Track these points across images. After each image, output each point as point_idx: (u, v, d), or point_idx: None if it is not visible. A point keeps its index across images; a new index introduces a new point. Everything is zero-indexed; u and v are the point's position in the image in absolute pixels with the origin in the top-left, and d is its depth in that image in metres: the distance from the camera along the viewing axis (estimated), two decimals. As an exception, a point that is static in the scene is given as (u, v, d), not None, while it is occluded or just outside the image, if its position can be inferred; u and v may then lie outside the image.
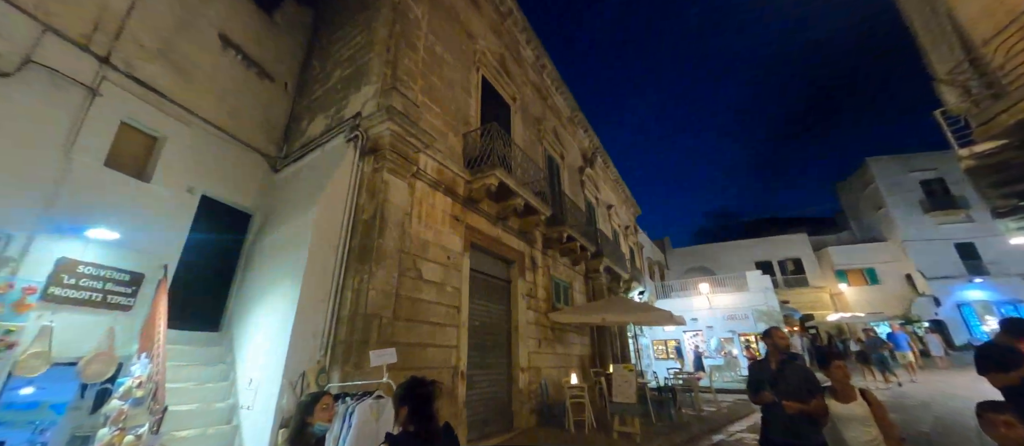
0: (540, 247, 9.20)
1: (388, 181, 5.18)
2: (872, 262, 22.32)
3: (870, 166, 24.09)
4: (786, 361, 3.14)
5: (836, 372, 2.80)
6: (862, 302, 21.34)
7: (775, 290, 18.04)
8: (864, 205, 25.14)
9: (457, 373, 5.58)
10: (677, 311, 18.59)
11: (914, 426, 6.14)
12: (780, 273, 24.67)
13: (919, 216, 21.78)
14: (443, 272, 5.89)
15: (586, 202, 14.04)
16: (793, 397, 2.86)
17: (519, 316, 7.65)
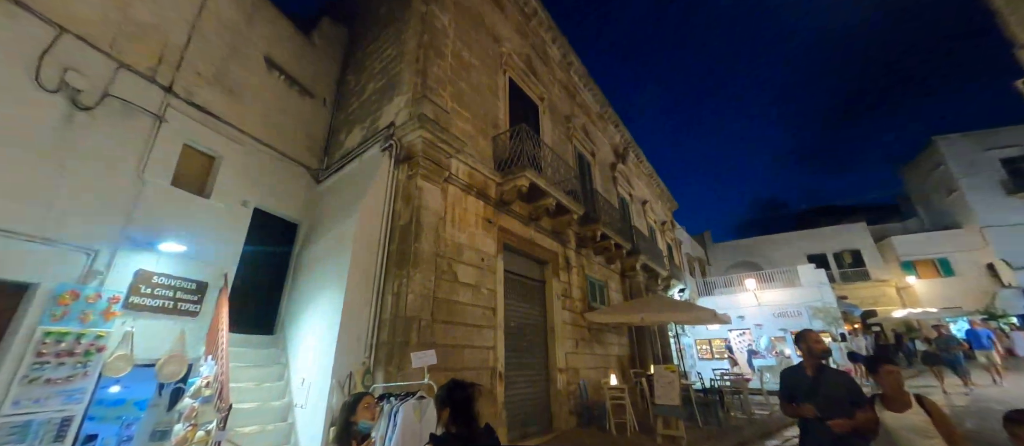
0: (574, 246, 9.10)
1: (422, 187, 5.32)
2: (945, 251, 20.19)
3: (938, 145, 21.83)
4: (824, 368, 2.84)
5: (887, 378, 2.50)
6: (935, 296, 19.36)
7: (831, 285, 16.76)
8: (933, 189, 22.81)
9: (495, 374, 5.63)
10: (721, 309, 17.71)
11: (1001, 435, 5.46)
12: (836, 266, 22.90)
13: (1001, 198, 19.45)
14: (478, 274, 5.97)
15: (619, 199, 13.73)
16: (836, 410, 2.55)
17: (555, 317, 7.61)
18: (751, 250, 25.98)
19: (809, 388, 2.75)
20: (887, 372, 2.51)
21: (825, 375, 2.78)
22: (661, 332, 13.40)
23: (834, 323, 15.06)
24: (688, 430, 6.01)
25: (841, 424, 2.48)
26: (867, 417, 2.48)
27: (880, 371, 2.54)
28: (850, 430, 2.49)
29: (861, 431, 2.50)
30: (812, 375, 2.81)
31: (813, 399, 2.68)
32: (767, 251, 24.96)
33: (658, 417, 5.95)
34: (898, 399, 2.46)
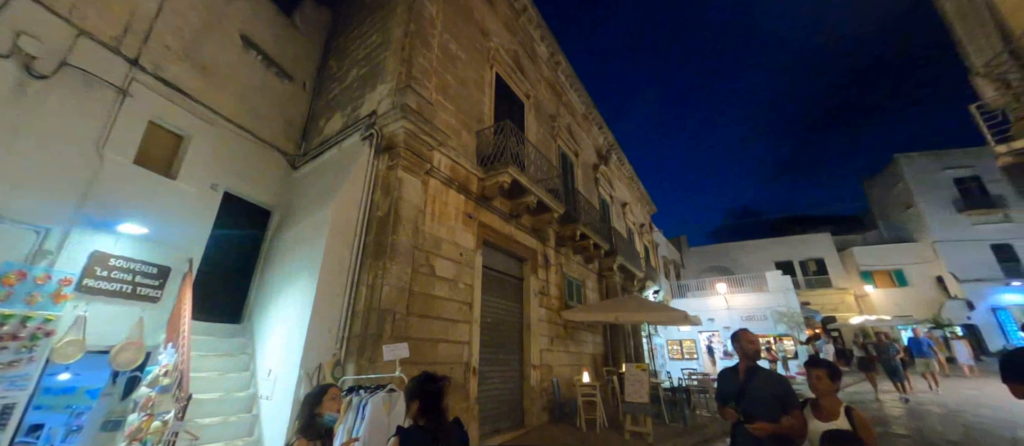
0: (553, 244, 9.17)
1: (402, 178, 5.24)
2: (900, 263, 21.46)
3: (900, 163, 23.13)
4: (755, 369, 2.73)
5: (816, 383, 2.40)
6: (889, 304, 20.56)
7: (796, 291, 17.55)
8: (892, 204, 24.17)
9: (469, 369, 5.64)
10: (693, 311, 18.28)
11: (943, 436, 5.89)
12: (801, 274, 23.97)
13: (952, 215, 20.82)
14: (456, 269, 5.94)
15: (600, 200, 13.92)
16: (761, 413, 2.44)
17: (531, 313, 7.66)
18: (724, 255, 26.86)
19: (739, 389, 2.68)
20: (816, 376, 2.42)
21: (756, 377, 2.70)
22: (635, 332, 13.71)
23: (796, 328, 15.79)
24: (655, 427, 6.19)
25: (759, 428, 2.38)
26: (791, 423, 2.36)
27: (810, 374, 2.47)
28: (769, 434, 2.38)
29: (786, 436, 2.39)
30: (743, 377, 2.74)
31: (741, 400, 2.61)
32: (739, 257, 25.87)
33: (627, 414, 6.10)
34: (827, 406, 2.36)
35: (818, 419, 2.34)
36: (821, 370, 2.43)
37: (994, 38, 5.85)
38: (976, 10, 6.04)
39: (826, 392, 2.38)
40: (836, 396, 2.37)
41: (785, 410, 2.45)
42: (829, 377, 2.38)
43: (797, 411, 2.43)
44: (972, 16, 6.06)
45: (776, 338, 16.00)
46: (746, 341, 2.82)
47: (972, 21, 6.05)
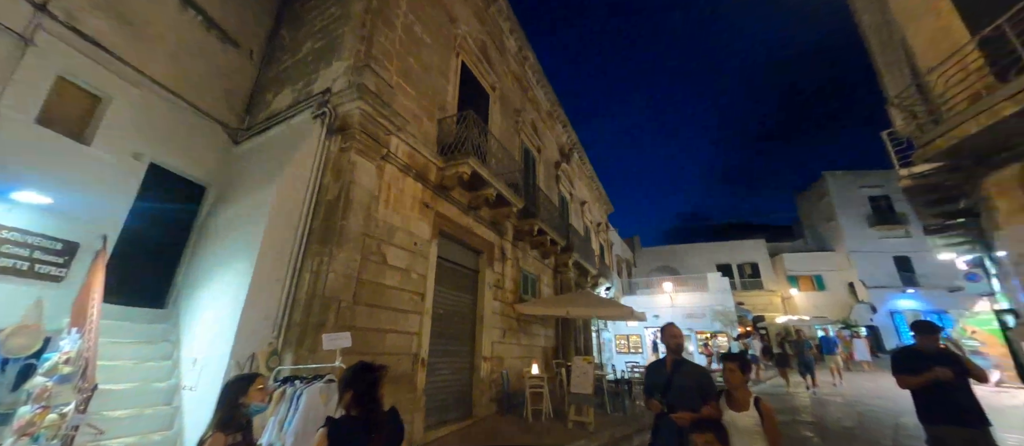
0: (511, 238, 9.24)
1: (356, 162, 5.03)
2: (820, 269, 23.91)
3: (827, 180, 25.65)
4: (681, 362, 2.84)
5: (728, 376, 2.56)
6: (809, 306, 22.87)
7: (732, 292, 19.04)
8: (818, 216, 26.79)
9: (417, 360, 5.57)
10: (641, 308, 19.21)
11: (840, 423, 6.70)
12: (738, 276, 25.98)
13: (864, 229, 23.48)
14: (409, 258, 5.82)
15: (560, 197, 14.19)
16: (685, 404, 2.58)
17: (485, 306, 7.69)
18: (672, 256, 28.46)
19: (665, 381, 2.77)
20: (729, 370, 2.59)
21: (681, 369, 2.80)
22: (586, 326, 14.22)
23: (730, 325, 17.13)
24: (597, 416, 6.48)
25: (681, 417, 2.51)
26: (708, 412, 2.53)
27: (724, 368, 2.63)
28: (690, 423, 2.51)
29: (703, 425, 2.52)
30: (669, 369, 2.82)
31: (666, 392, 2.70)
32: (685, 258, 27.53)
33: (572, 404, 6.33)
34: (739, 398, 2.52)
35: (731, 409, 2.52)
36: (734, 364, 2.60)
37: (906, 73, 6.62)
38: (894, 46, 6.80)
39: (738, 384, 2.55)
40: (747, 388, 2.56)
41: (705, 400, 2.62)
42: (740, 370, 2.57)
43: (714, 402, 2.60)
44: (890, 50, 6.82)
45: (712, 334, 17.29)
46: (670, 335, 2.93)
47: (890, 54, 6.82)
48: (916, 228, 21.74)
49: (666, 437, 2.67)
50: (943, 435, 3.11)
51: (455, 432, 5.87)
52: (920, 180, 5.53)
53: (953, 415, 3.08)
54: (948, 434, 3.09)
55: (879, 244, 22.98)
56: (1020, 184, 4.26)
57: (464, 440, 5.57)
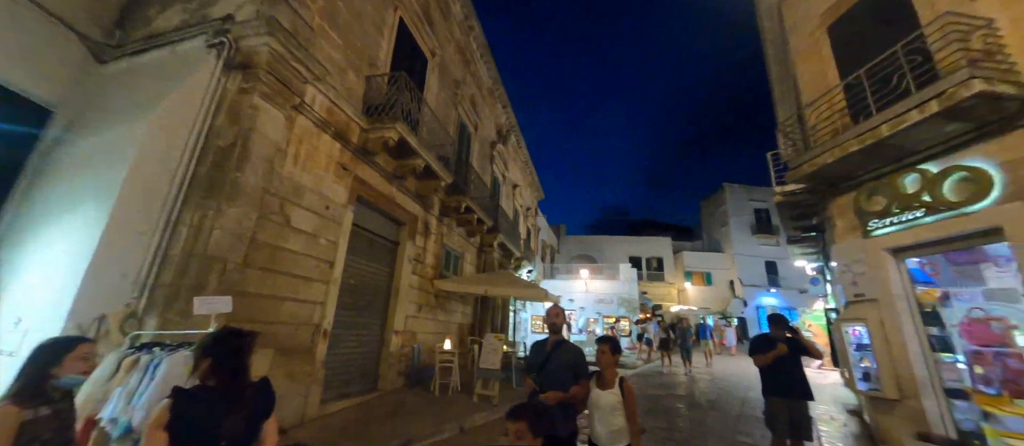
0: (437, 213, 9.03)
1: (259, 107, 4.41)
2: (711, 268, 27.54)
3: (726, 190, 29.32)
4: (561, 342, 2.86)
5: (599, 356, 2.65)
6: (698, 298, 26.30)
7: (639, 282, 21.06)
8: (715, 221, 30.65)
9: (319, 331, 5.22)
10: (559, 291, 20.35)
11: (704, 396, 7.90)
12: (646, 268, 28.77)
13: (748, 236, 27.47)
14: (318, 222, 5.36)
15: (493, 178, 14.18)
16: (558, 383, 2.61)
17: (402, 279, 7.47)
18: (592, 246, 30.44)
19: (543, 360, 2.78)
20: (600, 351, 2.65)
21: (560, 349, 2.80)
22: (504, 305, 14.64)
23: (633, 311, 18.98)
24: (502, 390, 6.76)
25: (547, 397, 2.53)
26: (574, 393, 2.57)
27: (597, 349, 2.69)
28: (556, 402, 2.54)
29: (570, 404, 2.61)
30: (549, 349, 2.83)
31: (543, 371, 2.72)
32: (603, 248, 29.64)
33: (479, 379, 6.51)
34: (607, 377, 2.59)
35: (599, 388, 2.60)
36: (605, 345, 2.69)
37: (792, 104, 7.72)
38: (789, 79, 7.86)
39: (608, 364, 2.63)
40: (615, 368, 2.66)
41: (576, 380, 2.66)
42: (611, 351, 2.65)
43: (585, 381, 2.67)
44: (785, 83, 7.89)
45: (616, 319, 19.05)
46: (552, 315, 2.95)
47: (785, 87, 7.88)
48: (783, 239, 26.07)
49: None
50: (774, 405, 3.91)
51: (355, 405, 5.68)
52: (789, 197, 6.57)
53: (784, 389, 3.88)
54: (777, 404, 3.89)
55: (756, 250, 27.11)
56: (854, 208, 5.30)
57: (363, 413, 5.42)
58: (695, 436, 5.20)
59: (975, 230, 4.10)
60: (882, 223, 4.96)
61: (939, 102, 3.83)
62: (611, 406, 2.50)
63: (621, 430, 2.46)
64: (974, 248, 4.50)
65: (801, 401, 3.85)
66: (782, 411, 3.83)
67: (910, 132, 4.23)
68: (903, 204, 4.70)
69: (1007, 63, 3.78)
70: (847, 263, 5.45)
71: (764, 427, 5.40)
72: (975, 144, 4.07)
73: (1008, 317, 4.37)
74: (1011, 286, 4.28)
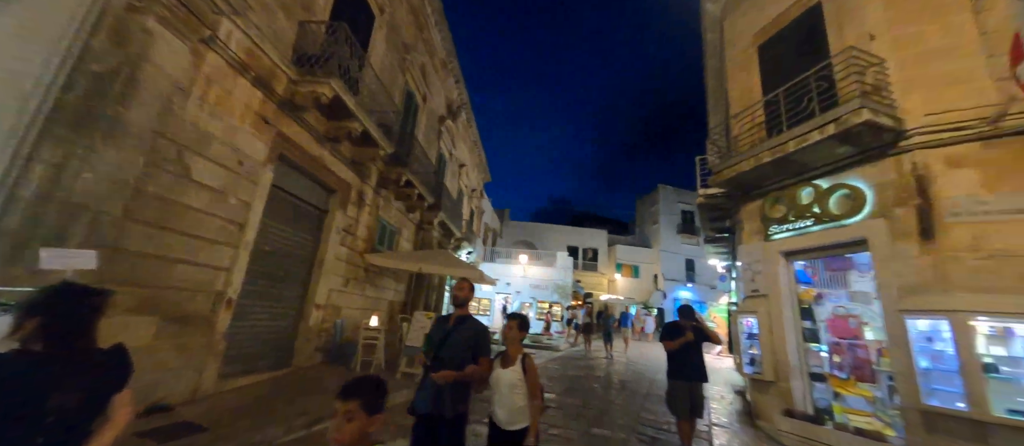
0: (374, 184, 8.51)
1: (155, 33, 3.72)
2: (640, 261, 29.64)
3: (660, 190, 31.50)
4: (465, 318, 2.69)
5: (505, 332, 2.58)
6: (626, 289, 28.23)
7: (574, 271, 22.03)
8: (648, 218, 32.90)
9: (221, 299, 4.68)
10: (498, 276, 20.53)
11: (619, 377, 8.53)
12: (582, 258, 30.15)
13: (674, 235, 29.93)
14: (228, 179, 4.73)
15: (439, 154, 13.72)
16: (455, 360, 2.45)
17: (328, 250, 6.95)
18: (534, 233, 31.10)
19: (443, 336, 2.61)
20: (507, 326, 2.57)
21: (462, 325, 2.64)
22: (440, 285, 14.45)
23: (566, 298, 19.85)
24: (429, 369, 6.66)
25: (440, 376, 2.36)
26: (470, 372, 2.43)
27: (505, 325, 2.61)
28: (448, 381, 2.37)
29: (465, 382, 2.47)
30: (452, 325, 2.66)
31: (442, 347, 2.55)
32: (544, 236, 30.43)
33: (405, 356, 6.34)
34: (512, 354, 2.50)
35: (502, 367, 2.47)
36: (513, 321, 2.59)
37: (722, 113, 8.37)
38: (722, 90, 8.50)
39: (513, 341, 2.54)
40: (520, 345, 2.56)
41: (475, 359, 2.52)
42: (518, 328, 2.56)
43: (485, 359, 2.54)
44: (719, 94, 8.53)
45: (550, 304, 19.81)
46: (457, 288, 2.78)
47: (718, 98, 8.52)
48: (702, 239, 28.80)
49: (425, 393, 2.47)
50: (676, 387, 4.28)
51: (262, 381, 5.23)
52: (709, 200, 7.19)
53: (684, 372, 4.25)
54: (677, 386, 4.26)
55: (680, 248, 29.68)
56: (760, 214, 5.94)
57: (271, 390, 5.01)
58: (605, 413, 5.58)
59: (849, 240, 4.80)
60: (780, 229, 5.62)
61: (835, 126, 4.36)
62: (511, 384, 2.40)
63: (520, 410, 2.37)
64: (844, 256, 5.29)
65: (699, 384, 4.26)
66: (683, 393, 4.20)
67: (810, 150, 4.79)
68: (798, 213, 5.34)
69: (889, 99, 4.40)
70: (749, 262, 6.12)
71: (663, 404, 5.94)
72: (857, 166, 4.72)
73: (862, 315, 5.23)
74: (867, 290, 5.11)
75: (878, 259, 4.43)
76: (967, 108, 4.01)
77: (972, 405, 3.47)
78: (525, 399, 2.39)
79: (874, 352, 5.01)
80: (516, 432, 2.36)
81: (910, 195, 4.17)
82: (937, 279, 3.89)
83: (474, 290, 2.90)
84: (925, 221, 4.02)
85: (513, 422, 2.37)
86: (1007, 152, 3.77)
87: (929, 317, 3.87)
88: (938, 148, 4.08)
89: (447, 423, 2.40)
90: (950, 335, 3.71)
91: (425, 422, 2.45)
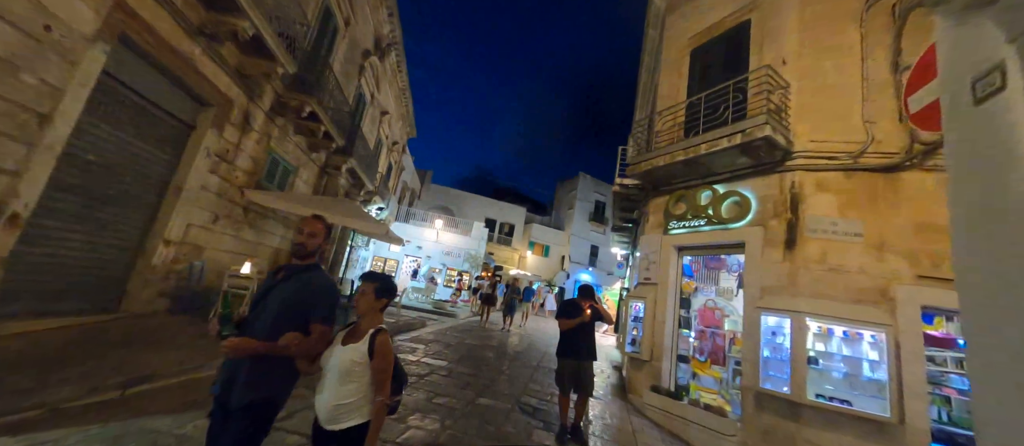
0: (267, 107, 7.10)
1: None
2: (551, 242, 31.07)
3: (580, 178, 33.03)
4: (298, 271, 1.95)
5: (359, 298, 1.86)
6: (534, 266, 29.46)
7: (488, 243, 22.09)
8: (565, 203, 34.44)
9: (2, 214, 3.37)
10: (411, 238, 19.60)
11: (513, 348, 8.75)
12: (498, 232, 30.48)
13: (585, 222, 31.89)
14: (23, 45, 3.34)
15: (359, 93, 12.18)
16: (266, 326, 1.78)
17: (192, 176, 5.61)
18: (455, 200, 30.35)
19: (263, 292, 1.93)
20: (361, 292, 1.87)
21: (291, 279, 1.92)
22: (343, 239, 13.18)
23: (476, 268, 19.88)
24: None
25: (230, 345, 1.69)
26: (286, 343, 1.72)
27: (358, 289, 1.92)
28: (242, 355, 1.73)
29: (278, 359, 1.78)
30: (280, 276, 1.95)
31: (255, 307, 1.89)
32: (464, 205, 29.91)
33: (281, 312, 5.49)
34: (363, 327, 1.85)
35: (344, 342, 1.82)
36: (369, 284, 1.88)
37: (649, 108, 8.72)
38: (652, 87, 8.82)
39: (368, 310, 1.86)
40: (379, 314, 1.90)
41: (299, 325, 1.80)
42: (375, 294, 1.87)
43: (318, 327, 1.84)
44: (649, 90, 8.84)
45: (460, 273, 19.67)
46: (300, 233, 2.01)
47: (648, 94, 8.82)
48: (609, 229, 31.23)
49: (223, 370, 1.84)
50: (565, 365, 4.27)
51: (68, 327, 4.01)
52: (623, 189, 7.50)
53: (574, 351, 4.24)
54: (566, 364, 4.26)
55: (588, 235, 31.81)
56: (664, 209, 6.35)
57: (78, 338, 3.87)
58: (494, 383, 5.57)
59: (731, 241, 5.34)
60: (679, 225, 6.06)
61: (742, 136, 4.70)
62: (345, 369, 1.74)
63: (352, 405, 1.73)
64: (719, 257, 5.97)
65: (589, 363, 4.26)
66: (570, 370, 4.18)
67: (717, 156, 5.15)
68: (695, 213, 5.79)
69: (786, 121, 4.88)
70: (647, 252, 6.56)
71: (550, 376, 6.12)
72: (750, 178, 5.22)
73: (725, 308, 6.00)
74: (730, 287, 5.87)
75: (749, 261, 5.00)
76: (839, 141, 4.63)
77: (793, 389, 4.14)
78: (364, 391, 1.75)
79: (728, 341, 5.80)
80: (339, 433, 1.72)
81: (784, 209, 4.73)
82: (789, 284, 4.51)
83: (328, 236, 2.10)
84: (791, 233, 4.61)
85: (336, 419, 1.72)
86: (859, 184, 4.45)
87: (777, 314, 4.49)
88: (812, 171, 4.66)
89: (233, 416, 1.72)
90: (788, 331, 4.36)
91: (218, 408, 1.80)
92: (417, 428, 3.49)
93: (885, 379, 3.90)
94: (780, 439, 4.20)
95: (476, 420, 3.97)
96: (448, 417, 3.89)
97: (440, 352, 7.02)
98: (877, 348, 4.04)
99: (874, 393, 3.97)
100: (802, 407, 4.10)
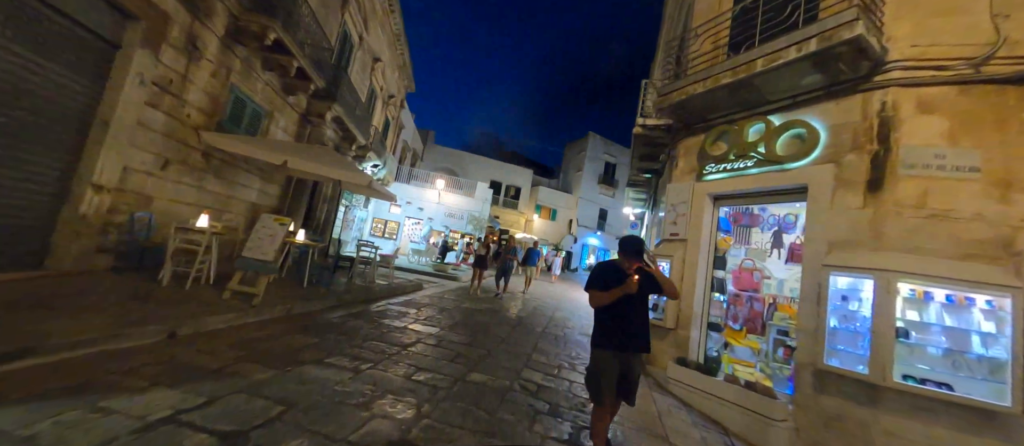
0: (220, 32, 5.96)
1: None
2: (559, 206, 29.99)
3: (589, 139, 31.37)
4: None
5: None
6: (541, 230, 28.59)
7: (494, 206, 21.10)
8: (573, 165, 32.98)
9: None
10: (412, 199, 18.67)
11: (515, 314, 7.95)
12: (504, 194, 29.42)
13: (594, 184, 30.58)
14: None
15: (343, 31, 10.84)
16: None
17: (125, 110, 4.62)
18: (458, 161, 29.11)
19: None
20: None
21: None
22: (336, 197, 12.26)
23: (480, 230, 19.05)
24: (278, 289, 5.12)
25: None
26: None
27: None
28: None
29: None
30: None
31: None
32: (468, 167, 28.69)
33: (239, 271, 4.65)
34: None
35: None
36: None
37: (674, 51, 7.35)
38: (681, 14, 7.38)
39: None
40: None
41: None
42: None
43: None
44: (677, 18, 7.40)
45: (462, 234, 18.86)
46: None
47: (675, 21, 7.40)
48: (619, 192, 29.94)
49: None
50: (604, 360, 2.63)
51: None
52: (645, 132, 6.33)
53: (618, 338, 2.61)
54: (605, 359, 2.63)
55: (597, 197, 30.59)
56: (698, 151, 5.24)
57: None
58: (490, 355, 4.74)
59: (787, 186, 4.27)
60: (716, 168, 4.97)
61: (818, 41, 3.51)
62: None
63: None
64: (754, 211, 4.96)
65: (639, 356, 2.69)
66: (612, 368, 2.59)
67: (775, 75, 4.00)
68: (740, 151, 4.68)
69: (879, 20, 3.64)
70: (674, 203, 5.52)
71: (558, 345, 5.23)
72: (820, 102, 4.07)
73: (765, 269, 5.03)
74: (764, 247, 4.99)
75: (813, 209, 3.95)
76: (953, 44, 3.41)
77: (874, 368, 3.22)
78: None
79: (767, 306, 4.89)
80: None
81: (869, 139, 3.62)
82: (872, 236, 3.49)
83: None
84: (878, 170, 3.52)
85: None
86: (980, 102, 3.29)
87: (854, 274, 3.50)
88: (913, 86, 3.49)
89: None
90: (869, 295, 3.38)
91: None
92: (383, 417, 2.66)
93: (1005, 357, 2.94)
94: (848, 428, 3.33)
95: (463, 403, 3.14)
96: (428, 400, 3.06)
97: (432, 317, 6.24)
98: (994, 318, 3.06)
99: (985, 375, 3.04)
100: (883, 391, 3.19)
